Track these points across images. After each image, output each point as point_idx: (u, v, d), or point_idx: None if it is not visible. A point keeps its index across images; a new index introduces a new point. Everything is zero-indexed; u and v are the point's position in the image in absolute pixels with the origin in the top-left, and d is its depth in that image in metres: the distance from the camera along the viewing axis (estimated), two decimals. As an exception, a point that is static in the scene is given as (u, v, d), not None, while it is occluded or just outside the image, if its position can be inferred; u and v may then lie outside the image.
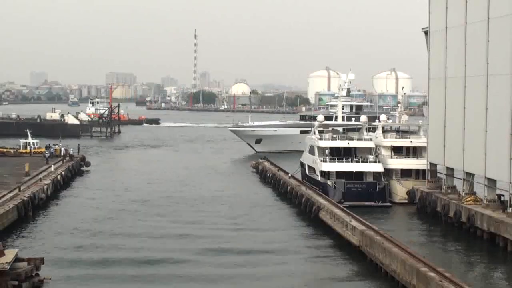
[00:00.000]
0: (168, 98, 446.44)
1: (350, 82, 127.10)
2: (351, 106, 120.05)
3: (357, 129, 78.78)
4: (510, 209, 47.55)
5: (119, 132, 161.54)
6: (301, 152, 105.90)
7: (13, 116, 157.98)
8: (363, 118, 76.33)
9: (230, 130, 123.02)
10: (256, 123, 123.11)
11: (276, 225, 54.52)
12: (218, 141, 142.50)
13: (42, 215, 56.69)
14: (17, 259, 35.49)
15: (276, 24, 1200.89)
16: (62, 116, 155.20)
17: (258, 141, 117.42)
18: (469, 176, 54.68)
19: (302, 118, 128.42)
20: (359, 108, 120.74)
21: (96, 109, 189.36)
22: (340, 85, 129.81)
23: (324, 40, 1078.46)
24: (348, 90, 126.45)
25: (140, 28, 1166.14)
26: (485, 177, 51.44)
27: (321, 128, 74.22)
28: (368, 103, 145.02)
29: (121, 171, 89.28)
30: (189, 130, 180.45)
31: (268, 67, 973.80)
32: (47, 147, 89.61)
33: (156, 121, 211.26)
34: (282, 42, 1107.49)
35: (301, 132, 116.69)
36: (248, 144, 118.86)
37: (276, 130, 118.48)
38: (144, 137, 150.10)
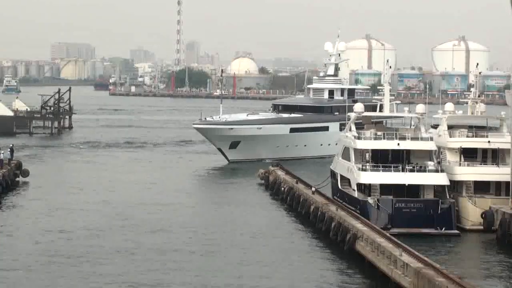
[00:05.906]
0: (140, 79, 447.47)
1: (339, 55, 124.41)
2: (342, 90, 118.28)
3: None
4: None
5: (70, 127, 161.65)
6: (292, 160, 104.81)
7: None
8: (420, 107, 75.43)
9: (195, 127, 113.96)
10: (225, 116, 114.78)
11: (294, 260, 54.82)
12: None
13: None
14: None
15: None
16: None
17: (234, 144, 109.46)
18: None
19: (275, 107, 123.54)
20: (351, 92, 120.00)
21: None
22: (325, 60, 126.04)
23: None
24: (336, 67, 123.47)
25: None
26: None
27: (360, 121, 74.24)
28: (364, 86, 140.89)
29: (72, 185, 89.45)
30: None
31: (282, 37, 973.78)
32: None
33: None
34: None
35: (292, 130, 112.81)
36: (219, 149, 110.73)
37: (260, 128, 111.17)
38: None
